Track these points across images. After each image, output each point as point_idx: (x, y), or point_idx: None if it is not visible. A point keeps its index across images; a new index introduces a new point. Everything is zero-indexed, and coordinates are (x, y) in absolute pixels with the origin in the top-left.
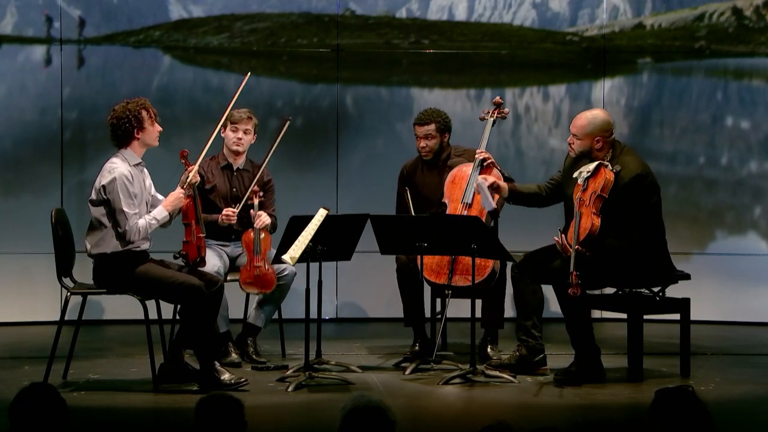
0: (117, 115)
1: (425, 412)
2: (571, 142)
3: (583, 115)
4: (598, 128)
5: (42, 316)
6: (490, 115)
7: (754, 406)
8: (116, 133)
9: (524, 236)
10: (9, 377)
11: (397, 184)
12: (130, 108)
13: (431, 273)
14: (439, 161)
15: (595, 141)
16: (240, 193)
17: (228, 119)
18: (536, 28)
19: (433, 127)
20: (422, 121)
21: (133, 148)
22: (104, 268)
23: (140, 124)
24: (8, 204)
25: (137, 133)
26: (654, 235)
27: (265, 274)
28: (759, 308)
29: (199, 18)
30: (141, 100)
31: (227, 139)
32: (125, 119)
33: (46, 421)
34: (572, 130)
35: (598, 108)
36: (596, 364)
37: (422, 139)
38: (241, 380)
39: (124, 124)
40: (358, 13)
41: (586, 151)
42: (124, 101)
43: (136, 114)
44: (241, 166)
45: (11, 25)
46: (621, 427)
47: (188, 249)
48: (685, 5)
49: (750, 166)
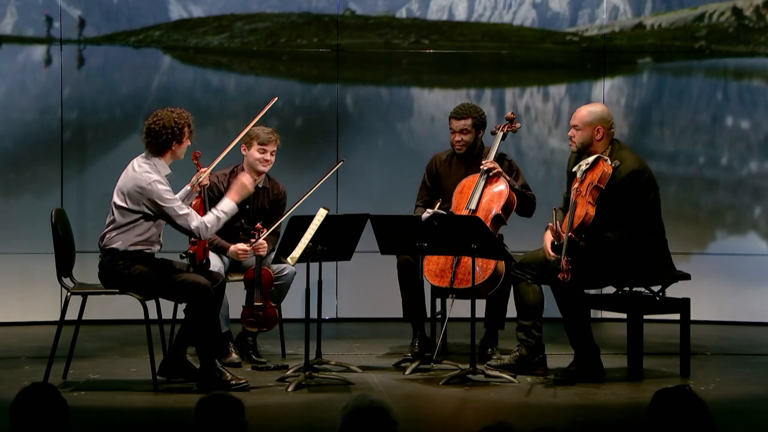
0: (163, 123)
1: (425, 412)
2: (572, 135)
3: (583, 107)
4: (598, 118)
5: (42, 316)
6: (501, 129)
7: (754, 406)
8: (156, 140)
9: (524, 236)
10: (9, 377)
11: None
12: (177, 120)
13: (434, 277)
14: (471, 157)
15: (595, 131)
16: (252, 211)
17: (254, 138)
18: (536, 28)
19: (470, 122)
20: (459, 115)
21: (165, 158)
22: (111, 264)
23: (180, 138)
24: (8, 204)
25: (174, 145)
26: (652, 232)
27: (267, 313)
28: (759, 308)
29: (199, 18)
30: (187, 114)
31: (252, 158)
32: (170, 130)
33: (46, 421)
34: (572, 122)
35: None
36: (596, 364)
37: (458, 133)
38: (241, 380)
39: (167, 134)
40: (358, 13)
41: (587, 143)
42: (169, 110)
43: (180, 127)
44: (260, 185)
45: (11, 25)
46: (621, 427)
47: (196, 249)
48: (685, 5)
49: (750, 166)
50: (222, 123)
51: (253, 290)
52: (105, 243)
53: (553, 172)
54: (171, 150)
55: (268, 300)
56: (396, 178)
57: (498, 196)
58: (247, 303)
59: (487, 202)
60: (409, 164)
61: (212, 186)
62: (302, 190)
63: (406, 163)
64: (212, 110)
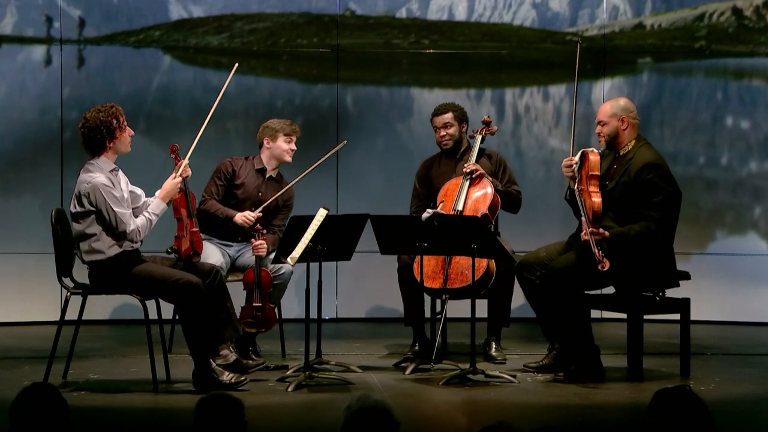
0: (89, 125)
1: (425, 412)
2: (599, 131)
3: (606, 103)
4: (621, 108)
5: (42, 316)
6: (479, 132)
7: (754, 406)
8: (90, 142)
9: (524, 236)
10: (9, 377)
11: (414, 179)
12: (101, 117)
13: (427, 279)
14: (458, 152)
15: (620, 121)
16: (263, 198)
17: (278, 131)
18: (536, 28)
19: (451, 115)
20: (439, 110)
21: (106, 156)
22: (100, 274)
23: (111, 134)
24: (8, 204)
25: (109, 143)
26: (663, 232)
27: (266, 314)
28: (759, 308)
29: (199, 18)
30: (112, 107)
31: (280, 150)
32: (96, 129)
33: (46, 421)
34: (598, 118)
35: None
36: (596, 364)
37: (441, 129)
38: (241, 380)
39: (95, 135)
40: (358, 13)
41: (614, 134)
42: (95, 108)
43: (108, 124)
44: (273, 175)
45: (11, 25)
46: (621, 427)
47: (180, 243)
48: (685, 5)
49: (750, 166)
50: (222, 123)
51: (252, 291)
52: (84, 258)
53: (553, 172)
54: (109, 146)
55: (267, 301)
56: (396, 178)
57: (483, 198)
58: (246, 304)
59: (473, 203)
60: (409, 164)
61: (224, 167)
62: (302, 189)
63: (406, 163)
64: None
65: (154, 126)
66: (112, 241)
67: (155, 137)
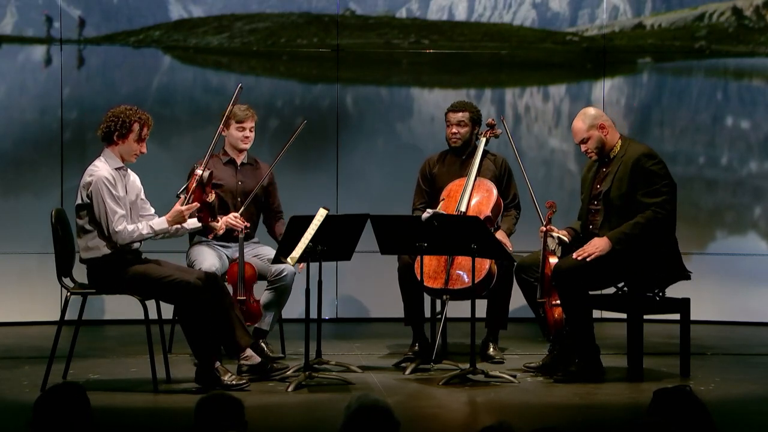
0: (114, 114)
1: (425, 412)
2: (585, 149)
3: (575, 120)
4: (593, 117)
5: (42, 316)
6: (483, 135)
7: (754, 406)
8: (106, 130)
9: (524, 237)
10: (9, 377)
11: (417, 175)
12: (128, 114)
13: (428, 279)
14: (464, 152)
15: (599, 129)
16: (246, 187)
17: (231, 118)
18: (536, 28)
19: (468, 115)
20: (456, 107)
21: (113, 151)
22: (97, 272)
23: (124, 134)
24: (8, 204)
25: (117, 140)
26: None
27: (249, 308)
28: (759, 308)
29: (199, 18)
30: (144, 115)
31: (233, 138)
32: (116, 121)
33: (70, 421)
34: (577, 138)
35: None
36: (596, 364)
37: (454, 126)
38: (241, 380)
39: (114, 125)
40: (358, 13)
41: (600, 145)
42: (129, 106)
43: (128, 123)
44: (244, 161)
45: (11, 25)
46: (621, 427)
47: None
48: (685, 5)
49: (750, 166)
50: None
51: (235, 285)
52: (82, 255)
53: (553, 172)
54: (116, 143)
55: (251, 294)
56: (396, 178)
57: (486, 200)
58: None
59: (476, 205)
60: (409, 164)
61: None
62: (302, 190)
63: (406, 163)
64: (212, 110)
65: (154, 126)
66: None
67: (155, 137)
